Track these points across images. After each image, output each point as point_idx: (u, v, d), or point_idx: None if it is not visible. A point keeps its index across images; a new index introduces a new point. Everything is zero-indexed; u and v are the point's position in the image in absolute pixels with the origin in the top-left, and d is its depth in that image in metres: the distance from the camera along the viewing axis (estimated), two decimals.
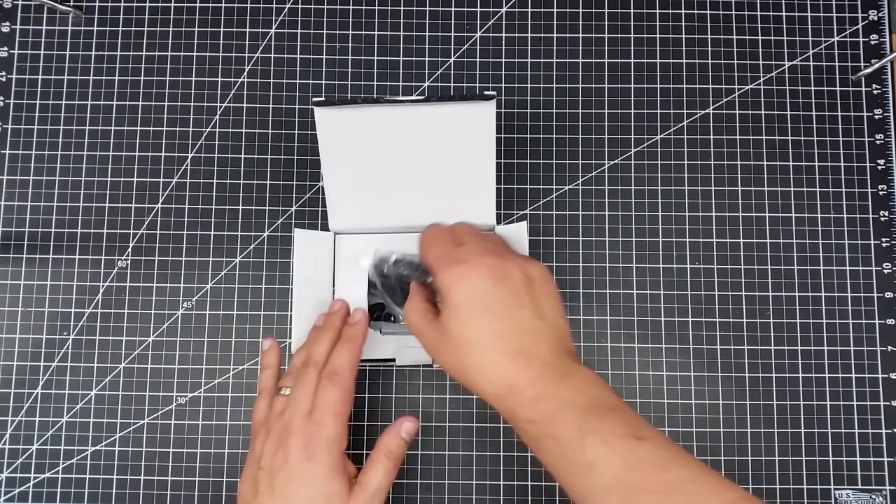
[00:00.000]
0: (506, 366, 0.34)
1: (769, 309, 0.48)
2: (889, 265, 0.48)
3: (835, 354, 0.47)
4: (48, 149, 0.49)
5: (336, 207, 0.45)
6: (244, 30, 0.50)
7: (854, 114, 0.50)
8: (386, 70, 0.50)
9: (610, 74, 0.50)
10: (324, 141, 0.43)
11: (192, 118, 0.50)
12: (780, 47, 0.50)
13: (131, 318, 0.48)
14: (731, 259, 0.48)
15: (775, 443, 0.46)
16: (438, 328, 0.37)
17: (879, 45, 0.50)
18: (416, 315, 0.39)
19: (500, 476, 0.46)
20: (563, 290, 0.48)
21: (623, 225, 0.49)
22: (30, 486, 0.46)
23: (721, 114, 0.50)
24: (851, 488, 0.46)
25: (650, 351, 0.47)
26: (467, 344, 0.35)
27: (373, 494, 0.37)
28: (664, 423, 0.47)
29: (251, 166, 0.49)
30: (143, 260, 0.48)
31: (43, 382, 0.47)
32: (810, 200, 0.49)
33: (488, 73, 0.50)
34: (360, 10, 0.51)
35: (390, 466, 0.39)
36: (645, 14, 0.51)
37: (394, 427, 0.40)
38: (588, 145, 0.49)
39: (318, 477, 0.37)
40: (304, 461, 0.37)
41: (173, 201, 0.49)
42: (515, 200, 0.49)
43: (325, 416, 0.38)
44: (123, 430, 0.47)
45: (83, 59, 0.50)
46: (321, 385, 0.39)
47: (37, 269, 0.48)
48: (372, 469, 0.38)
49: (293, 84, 0.50)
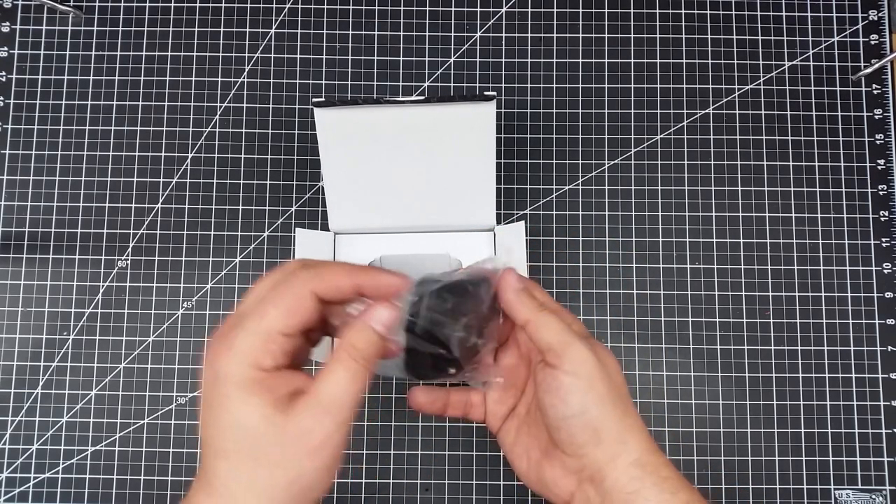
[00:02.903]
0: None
1: (769, 309, 0.48)
2: (889, 265, 0.48)
3: (835, 354, 0.47)
4: (48, 149, 0.49)
5: (336, 207, 0.45)
6: (244, 30, 0.50)
7: (854, 114, 0.50)
8: (386, 70, 0.50)
9: (610, 74, 0.50)
10: (324, 141, 0.43)
11: (192, 118, 0.50)
12: (780, 47, 0.50)
13: (131, 318, 0.48)
14: (731, 259, 0.48)
15: (775, 443, 0.46)
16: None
17: (879, 45, 0.50)
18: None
19: (499, 476, 0.46)
20: (563, 289, 0.48)
21: (623, 225, 0.49)
22: (30, 486, 0.46)
23: (721, 114, 0.50)
24: (851, 488, 0.46)
25: (650, 351, 0.47)
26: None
27: (326, 408, 0.27)
28: (664, 423, 0.47)
29: (251, 166, 0.49)
30: (143, 260, 0.48)
31: (43, 382, 0.47)
32: (810, 200, 0.49)
33: (488, 73, 0.50)
34: (360, 10, 0.51)
35: (356, 369, 0.28)
36: (645, 14, 0.51)
37: (362, 316, 0.29)
38: (588, 145, 0.49)
39: (225, 397, 0.27)
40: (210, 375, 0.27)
41: (173, 201, 0.49)
42: (515, 200, 0.49)
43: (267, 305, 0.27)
44: (123, 430, 0.47)
45: (83, 59, 0.50)
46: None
47: (37, 269, 0.48)
48: (327, 373, 0.28)
49: (293, 84, 0.50)
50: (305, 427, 0.26)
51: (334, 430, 0.27)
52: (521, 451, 0.34)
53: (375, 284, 0.29)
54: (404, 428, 0.47)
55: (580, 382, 0.30)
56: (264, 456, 0.26)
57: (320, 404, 0.27)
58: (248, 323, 0.27)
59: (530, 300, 0.32)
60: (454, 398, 0.36)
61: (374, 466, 0.46)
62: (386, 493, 0.46)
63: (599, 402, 0.30)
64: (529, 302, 0.32)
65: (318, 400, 0.27)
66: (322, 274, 0.28)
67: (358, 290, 0.29)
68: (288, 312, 0.27)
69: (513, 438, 0.35)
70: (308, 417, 0.26)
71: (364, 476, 0.46)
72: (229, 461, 0.26)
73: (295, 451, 0.26)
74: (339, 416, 0.27)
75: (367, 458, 0.46)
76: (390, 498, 0.46)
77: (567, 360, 0.31)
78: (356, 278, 0.29)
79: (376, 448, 0.46)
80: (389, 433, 0.47)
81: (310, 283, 0.28)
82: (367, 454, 0.46)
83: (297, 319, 0.28)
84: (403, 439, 0.47)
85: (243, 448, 0.26)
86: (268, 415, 0.26)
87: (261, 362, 0.27)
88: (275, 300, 0.28)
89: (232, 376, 0.27)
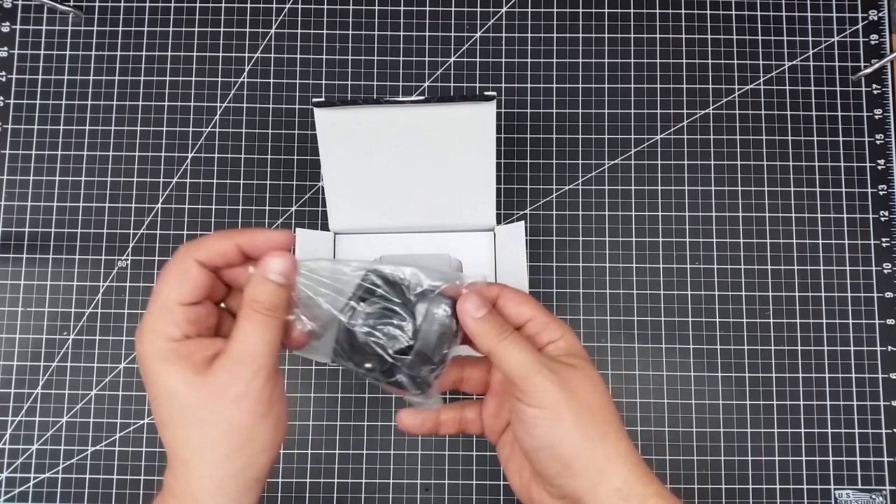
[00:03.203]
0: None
1: (769, 309, 0.48)
2: (889, 265, 0.48)
3: (835, 354, 0.47)
4: (48, 149, 0.49)
5: (336, 207, 0.45)
6: (244, 30, 0.50)
7: (854, 114, 0.50)
8: (386, 70, 0.50)
9: (610, 74, 0.50)
10: (324, 141, 0.43)
11: (192, 118, 0.50)
12: (780, 47, 0.50)
13: (131, 318, 0.48)
14: (731, 259, 0.48)
15: (775, 443, 0.46)
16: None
17: (879, 45, 0.50)
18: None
19: (499, 476, 0.46)
20: (563, 289, 0.48)
21: (623, 225, 0.49)
22: (30, 486, 0.46)
23: (721, 114, 0.50)
24: (851, 488, 0.46)
25: (650, 351, 0.47)
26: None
27: (238, 361, 0.28)
28: (664, 423, 0.47)
29: (251, 166, 0.49)
30: (143, 260, 0.48)
31: (43, 382, 0.47)
32: (810, 200, 0.49)
33: (488, 73, 0.50)
34: (360, 10, 0.51)
35: (262, 319, 0.28)
36: (645, 14, 0.51)
37: (257, 270, 0.30)
38: (588, 145, 0.49)
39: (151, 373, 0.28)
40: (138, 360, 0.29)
41: (173, 201, 0.49)
42: (515, 200, 0.49)
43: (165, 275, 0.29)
44: (123, 430, 0.47)
45: (83, 59, 0.50)
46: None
47: (37, 269, 0.48)
48: (236, 330, 0.29)
49: (293, 84, 0.50)
50: (222, 382, 0.28)
51: (251, 379, 0.28)
52: (514, 467, 0.33)
53: (254, 242, 0.30)
54: None
55: (544, 414, 0.29)
56: (195, 417, 0.28)
57: (232, 358, 0.28)
58: (150, 305, 0.29)
59: (492, 326, 0.30)
60: (445, 416, 0.35)
61: (374, 466, 0.46)
62: (386, 493, 0.46)
63: (567, 435, 0.29)
64: (491, 329, 0.30)
65: (230, 356, 0.28)
66: (201, 243, 0.30)
67: (240, 250, 0.30)
68: (177, 282, 0.29)
69: (507, 453, 0.34)
70: (223, 373, 0.28)
71: (364, 476, 0.46)
72: (168, 429, 0.28)
73: (217, 405, 0.28)
74: (252, 365, 0.28)
75: (367, 458, 0.46)
76: (390, 498, 0.46)
77: (528, 394, 0.29)
78: (234, 238, 0.30)
79: (376, 448, 0.46)
80: (389, 433, 0.47)
81: (191, 253, 0.29)
82: (367, 454, 0.46)
83: (187, 287, 0.29)
84: (403, 439, 0.47)
85: (175, 414, 0.28)
86: (187, 378, 0.28)
87: (169, 333, 0.28)
88: (164, 276, 0.29)
89: (149, 354, 0.28)
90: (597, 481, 0.29)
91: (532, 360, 0.29)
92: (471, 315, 0.30)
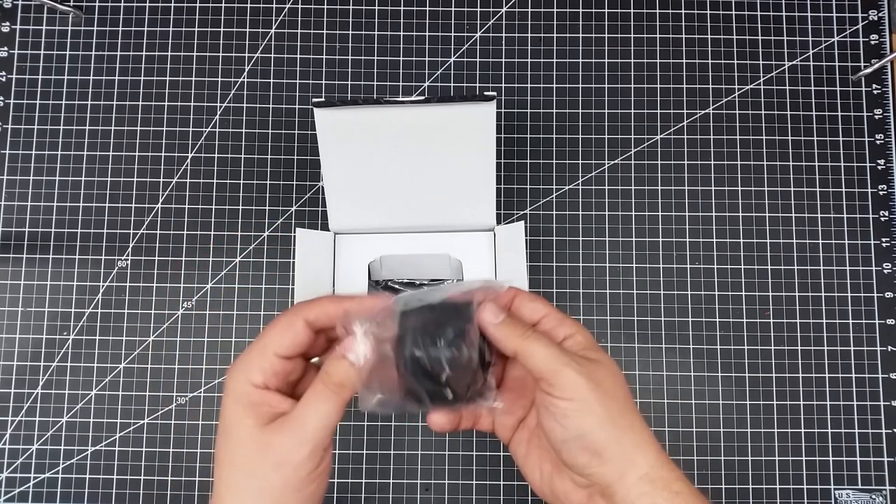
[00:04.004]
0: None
1: (769, 309, 0.48)
2: (889, 265, 0.48)
3: (835, 354, 0.47)
4: (48, 149, 0.49)
5: (336, 207, 0.45)
6: (244, 30, 0.50)
7: (854, 114, 0.50)
8: (386, 70, 0.50)
9: (610, 74, 0.50)
10: (324, 141, 0.43)
11: (192, 118, 0.50)
12: (780, 47, 0.50)
13: (131, 318, 0.48)
14: (731, 259, 0.48)
15: (775, 443, 0.46)
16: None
17: (879, 45, 0.50)
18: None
19: (499, 476, 0.46)
20: (563, 290, 0.48)
21: (623, 225, 0.49)
22: (30, 486, 0.46)
23: (721, 114, 0.50)
24: (851, 488, 0.46)
25: (650, 351, 0.47)
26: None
27: (296, 428, 0.29)
28: (664, 423, 0.47)
29: (251, 166, 0.49)
30: (143, 260, 0.48)
31: (43, 382, 0.47)
32: (810, 200, 0.49)
33: (488, 73, 0.50)
34: (360, 10, 0.51)
35: (330, 395, 0.30)
36: (645, 14, 0.51)
37: (339, 347, 0.31)
38: (588, 145, 0.49)
39: (225, 407, 0.30)
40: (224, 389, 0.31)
41: (173, 201, 0.49)
42: (515, 200, 0.49)
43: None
44: (123, 430, 0.47)
45: (83, 59, 0.50)
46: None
47: (37, 269, 0.48)
48: (304, 398, 0.30)
49: (293, 84, 0.50)
50: (271, 443, 0.29)
51: (296, 449, 0.29)
52: (534, 463, 0.34)
53: (362, 307, 0.32)
54: (404, 428, 0.47)
55: (575, 406, 0.30)
56: (243, 468, 0.30)
57: (287, 423, 0.29)
58: (250, 345, 0.32)
59: (513, 329, 0.32)
60: (464, 410, 0.36)
61: (374, 466, 0.46)
62: (386, 493, 0.46)
63: (598, 424, 0.30)
64: (512, 331, 0.32)
65: (286, 420, 0.30)
66: (314, 304, 0.32)
67: (347, 314, 0.32)
68: (280, 334, 0.31)
69: (524, 450, 0.35)
70: (275, 434, 0.29)
71: (364, 476, 0.46)
72: (222, 468, 0.30)
73: (260, 464, 0.29)
74: (301, 435, 0.29)
75: (367, 458, 0.46)
76: (390, 498, 0.46)
77: (558, 387, 0.30)
78: (343, 304, 0.32)
79: (376, 448, 0.46)
80: (389, 433, 0.47)
81: (302, 312, 0.32)
82: (367, 454, 0.46)
83: (287, 342, 0.31)
84: (403, 439, 0.47)
85: (229, 458, 0.30)
86: (252, 430, 0.30)
87: (253, 378, 0.30)
88: (272, 326, 0.32)
89: (231, 389, 0.30)
90: (626, 468, 0.30)
91: (558, 354, 0.31)
92: (490, 322, 0.32)
